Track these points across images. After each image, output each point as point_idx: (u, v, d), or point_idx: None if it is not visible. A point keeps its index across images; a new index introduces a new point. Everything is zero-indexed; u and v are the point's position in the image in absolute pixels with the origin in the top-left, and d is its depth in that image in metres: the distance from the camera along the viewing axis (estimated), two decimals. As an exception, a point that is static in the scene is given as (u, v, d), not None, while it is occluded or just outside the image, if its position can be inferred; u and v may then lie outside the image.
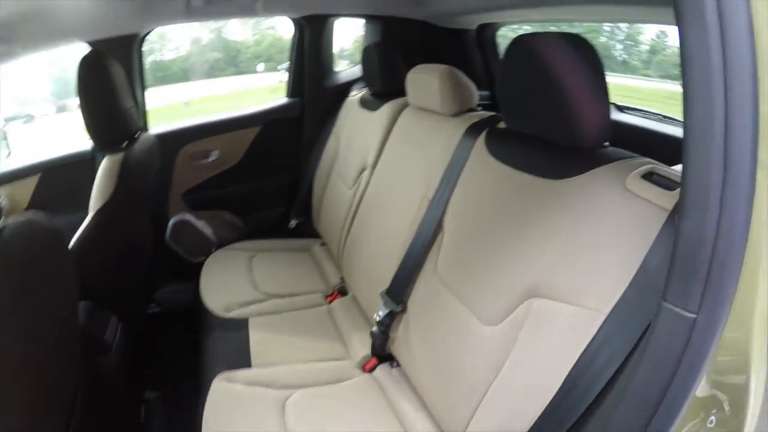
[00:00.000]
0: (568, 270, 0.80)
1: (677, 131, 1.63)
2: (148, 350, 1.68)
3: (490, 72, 2.25)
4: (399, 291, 1.22)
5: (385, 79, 1.73)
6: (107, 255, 1.30)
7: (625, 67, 3.86)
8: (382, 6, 2.01)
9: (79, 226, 1.39)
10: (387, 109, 1.64)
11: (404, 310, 1.21)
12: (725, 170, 0.44)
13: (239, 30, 5.32)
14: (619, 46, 3.80)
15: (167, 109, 4.38)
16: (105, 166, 1.29)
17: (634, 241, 0.71)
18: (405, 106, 1.58)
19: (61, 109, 3.88)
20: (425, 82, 1.39)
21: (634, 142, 1.72)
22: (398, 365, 1.26)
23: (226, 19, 1.98)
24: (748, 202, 0.44)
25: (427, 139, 1.37)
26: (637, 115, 1.83)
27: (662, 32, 3.75)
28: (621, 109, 1.93)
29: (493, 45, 2.24)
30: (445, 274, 1.10)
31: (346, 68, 2.26)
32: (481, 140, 1.15)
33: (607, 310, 0.71)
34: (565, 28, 2.16)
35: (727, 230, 0.45)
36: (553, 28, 2.17)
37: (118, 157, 1.30)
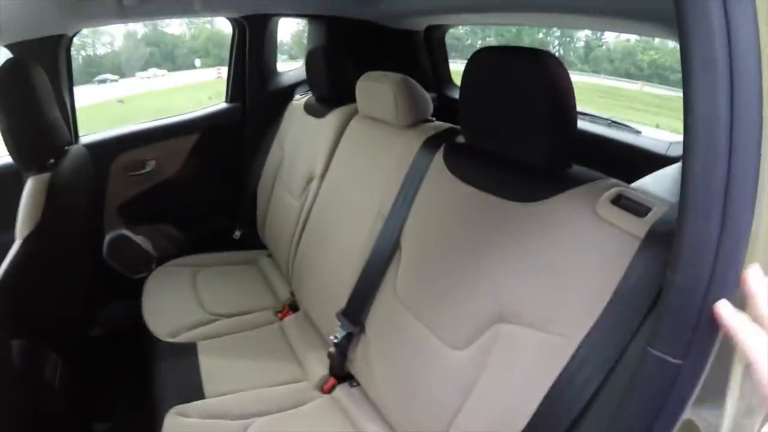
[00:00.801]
0: (536, 296, 0.79)
1: (627, 137, 1.66)
2: (93, 377, 1.57)
3: (439, 74, 2.23)
4: (356, 311, 1.18)
5: (331, 85, 1.66)
6: (40, 286, 1.19)
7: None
8: (327, 5, 1.94)
9: (6, 246, 1.29)
10: (334, 116, 1.58)
11: (362, 330, 1.17)
12: (722, 228, 0.44)
13: (176, 24, 5.09)
14: (556, 42, 3.90)
15: (101, 106, 4.15)
16: (30, 187, 1.18)
17: (605, 269, 0.71)
18: (354, 113, 1.52)
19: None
20: (378, 91, 1.34)
21: (584, 149, 1.75)
22: (358, 384, 1.22)
23: (161, 19, 1.83)
24: (741, 261, 0.45)
25: (380, 151, 1.33)
26: (586, 120, 1.85)
27: None
28: None
29: (442, 47, 2.22)
30: (404, 295, 1.07)
31: (287, 67, 2.17)
32: (439, 155, 1.11)
33: (579, 338, 0.71)
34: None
35: (719, 287, 0.45)
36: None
37: (45, 177, 1.19)
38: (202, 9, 1.74)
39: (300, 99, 1.87)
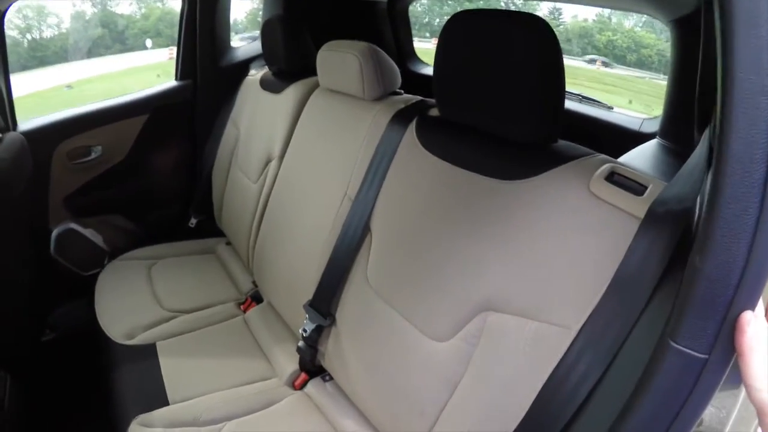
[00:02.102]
0: (526, 282, 0.73)
1: (599, 113, 1.61)
2: (47, 389, 1.45)
3: (402, 48, 2.13)
4: (325, 302, 1.09)
5: (289, 57, 1.53)
6: None
7: None
8: None
9: None
10: (293, 91, 1.46)
11: (333, 322, 1.09)
12: (761, 212, 0.38)
13: (125, 4, 4.85)
14: None
15: (48, 93, 3.92)
16: None
17: (603, 252, 0.65)
18: (314, 87, 1.41)
19: None
20: (342, 61, 1.22)
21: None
22: (331, 378, 1.15)
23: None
24: None
25: (344, 127, 1.23)
26: None
27: (556, 8, 3.88)
28: None
29: (405, 19, 2.12)
30: (377, 283, 0.99)
31: (242, 44, 2.02)
32: (410, 131, 1.02)
33: (576, 327, 0.65)
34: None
35: (754, 275, 0.40)
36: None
37: None
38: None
39: (255, 74, 1.74)
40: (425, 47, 2.41)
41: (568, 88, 0.83)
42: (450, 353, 0.81)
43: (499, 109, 0.81)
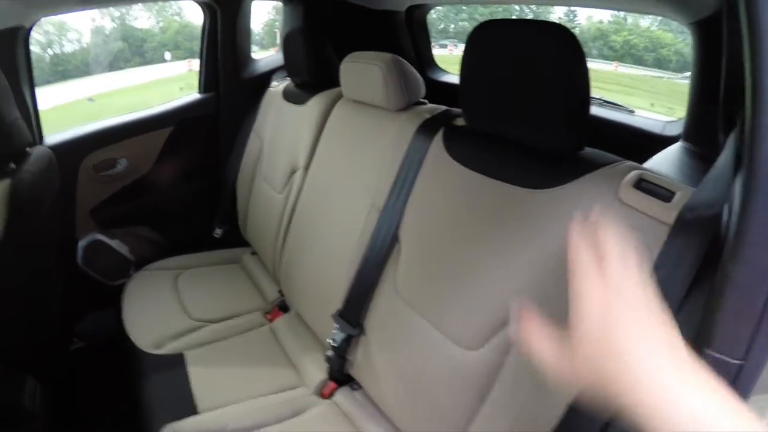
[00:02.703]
0: (556, 290, 0.72)
1: (620, 117, 1.60)
2: (76, 396, 1.47)
3: (421, 56, 2.14)
4: (354, 312, 1.10)
5: (312, 69, 1.54)
6: (8, 307, 1.10)
7: None
8: None
9: None
10: (317, 102, 1.48)
11: (362, 332, 1.09)
12: None
13: (144, 18, 4.94)
14: None
15: (70, 107, 4.00)
16: None
17: None
18: (338, 98, 1.42)
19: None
20: (366, 72, 1.23)
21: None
22: (360, 387, 1.15)
23: (126, 5, 1.71)
24: None
25: (369, 137, 1.24)
26: None
27: (571, 11, 3.86)
28: None
29: (424, 27, 2.12)
30: (406, 292, 0.99)
31: (263, 56, 2.05)
32: (437, 141, 1.03)
33: None
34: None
35: None
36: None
37: (5, 184, 1.09)
38: (169, -6, 1.62)
39: (278, 86, 1.76)
40: (440, 53, 2.41)
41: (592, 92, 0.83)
42: (481, 362, 0.81)
43: (527, 118, 0.81)
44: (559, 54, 0.74)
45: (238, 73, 1.88)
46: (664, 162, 1.32)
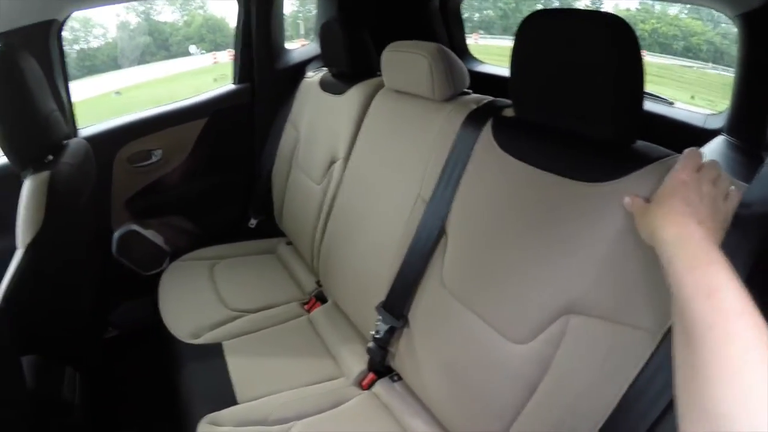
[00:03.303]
0: (610, 286, 0.71)
1: (661, 109, 1.56)
2: (112, 384, 1.49)
3: (455, 47, 2.11)
4: (398, 304, 1.09)
5: (351, 59, 1.52)
6: (48, 296, 1.11)
7: None
8: None
9: (6, 252, 1.18)
10: (356, 92, 1.45)
11: (406, 323, 1.08)
12: None
13: (167, 12, 4.99)
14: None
15: (98, 100, 4.06)
16: (29, 188, 1.08)
17: None
18: (378, 88, 1.40)
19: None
20: (410, 62, 1.21)
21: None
22: (399, 379, 1.15)
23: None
24: None
25: (414, 128, 1.21)
26: None
27: None
28: None
29: (458, 17, 2.10)
30: (453, 285, 0.98)
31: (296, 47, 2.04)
32: (486, 131, 1.00)
33: (662, 331, 0.63)
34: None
35: None
36: None
37: (44, 176, 1.09)
38: (205, -15, 1.61)
39: (313, 76, 1.74)
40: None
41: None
42: (530, 356, 0.80)
43: (580, 108, 0.79)
44: (612, 43, 0.72)
45: (273, 64, 1.88)
46: (709, 156, 1.28)
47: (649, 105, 1.61)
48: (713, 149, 1.32)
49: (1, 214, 1.47)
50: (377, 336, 1.11)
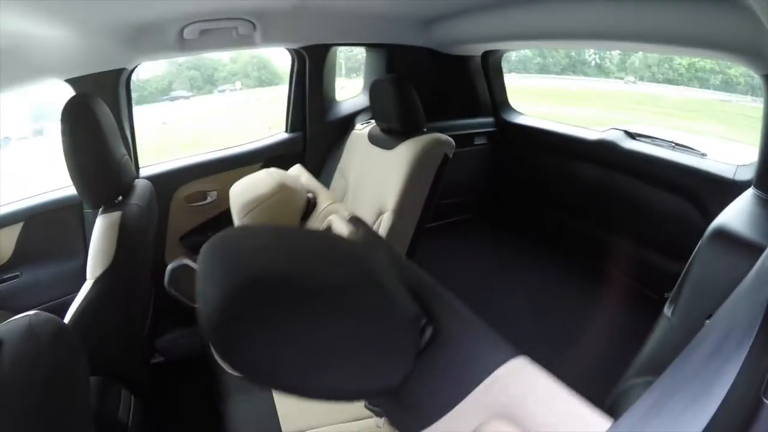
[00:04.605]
0: None
1: (689, 160, 1.59)
2: (160, 408, 1.54)
3: (495, 98, 2.20)
4: None
5: (402, 117, 1.60)
6: (112, 325, 1.18)
7: (599, 71, 3.91)
8: (386, 35, 1.93)
9: (65, 277, 1.33)
10: (406, 148, 1.54)
11: None
12: None
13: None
14: (591, 51, 3.85)
15: (146, 129, 4.25)
16: (101, 227, 1.16)
17: None
18: (427, 144, 1.49)
19: (38, 132, 3.68)
20: None
21: (650, 172, 1.67)
22: None
23: (221, 51, 1.84)
24: None
25: None
26: (647, 143, 1.81)
27: None
28: (632, 136, 1.89)
29: (498, 71, 2.18)
30: None
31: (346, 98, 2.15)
32: None
33: None
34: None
35: None
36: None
37: (116, 216, 1.18)
38: (263, 42, 1.73)
39: (362, 129, 1.84)
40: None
41: (655, 119, 0.83)
42: None
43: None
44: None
45: (324, 115, 1.99)
46: (737, 215, 1.30)
47: (681, 157, 1.65)
48: (741, 208, 1.35)
49: (63, 240, 1.58)
50: None
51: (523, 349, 1.39)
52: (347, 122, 2.01)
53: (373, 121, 1.83)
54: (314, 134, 2.00)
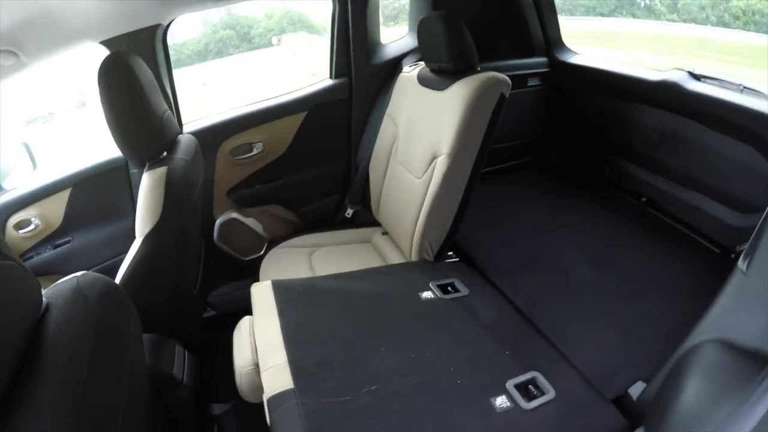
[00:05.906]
0: None
1: (759, 105, 1.47)
2: (209, 360, 1.58)
3: (548, 36, 2.06)
4: None
5: (453, 55, 1.49)
6: (163, 281, 1.19)
7: (649, 13, 3.66)
8: None
9: (116, 238, 1.35)
10: (459, 88, 1.45)
11: None
12: None
13: (248, 6, 5.19)
14: None
15: (187, 92, 4.32)
16: (147, 183, 1.15)
17: None
18: (482, 83, 1.40)
19: (81, 104, 3.75)
20: None
21: (716, 117, 1.56)
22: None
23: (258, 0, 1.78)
24: None
25: None
26: (714, 85, 1.69)
27: None
28: (697, 77, 1.75)
29: (551, 7, 2.04)
30: None
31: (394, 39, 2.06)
32: None
33: None
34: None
35: None
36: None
37: (161, 171, 1.17)
38: (305, -13, 1.66)
39: (411, 71, 1.76)
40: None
41: (710, 64, 0.75)
42: None
43: None
44: None
45: (370, 59, 1.92)
46: None
47: (750, 101, 1.53)
48: None
49: (111, 202, 1.59)
50: None
51: (582, 301, 1.38)
52: (394, 65, 1.93)
53: (422, 62, 1.75)
54: (360, 79, 1.93)
